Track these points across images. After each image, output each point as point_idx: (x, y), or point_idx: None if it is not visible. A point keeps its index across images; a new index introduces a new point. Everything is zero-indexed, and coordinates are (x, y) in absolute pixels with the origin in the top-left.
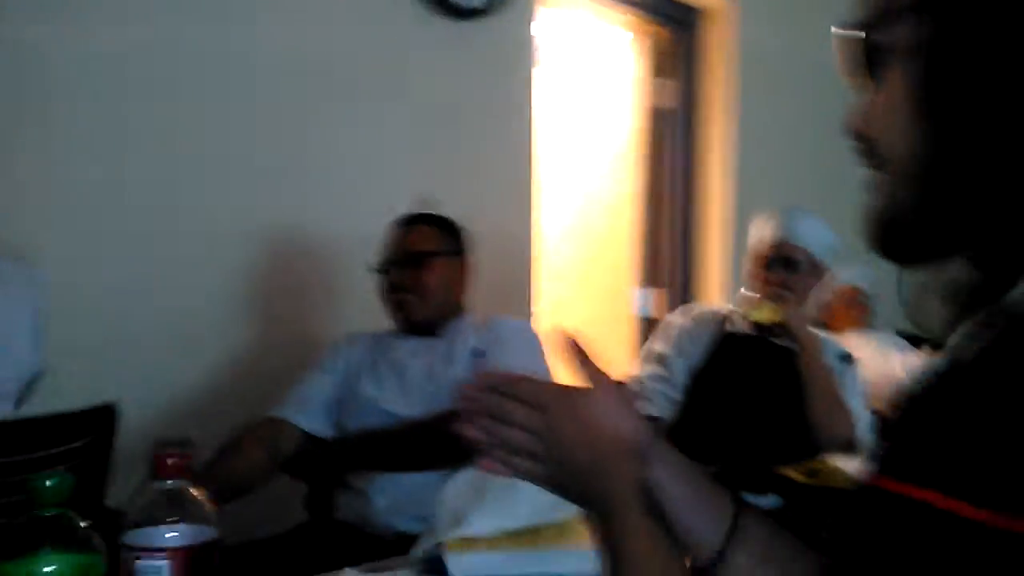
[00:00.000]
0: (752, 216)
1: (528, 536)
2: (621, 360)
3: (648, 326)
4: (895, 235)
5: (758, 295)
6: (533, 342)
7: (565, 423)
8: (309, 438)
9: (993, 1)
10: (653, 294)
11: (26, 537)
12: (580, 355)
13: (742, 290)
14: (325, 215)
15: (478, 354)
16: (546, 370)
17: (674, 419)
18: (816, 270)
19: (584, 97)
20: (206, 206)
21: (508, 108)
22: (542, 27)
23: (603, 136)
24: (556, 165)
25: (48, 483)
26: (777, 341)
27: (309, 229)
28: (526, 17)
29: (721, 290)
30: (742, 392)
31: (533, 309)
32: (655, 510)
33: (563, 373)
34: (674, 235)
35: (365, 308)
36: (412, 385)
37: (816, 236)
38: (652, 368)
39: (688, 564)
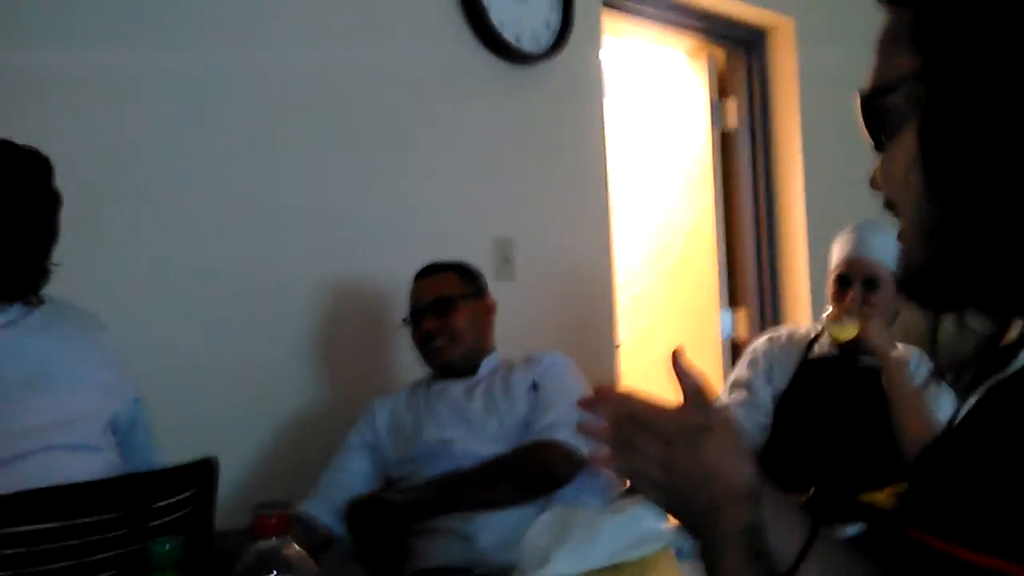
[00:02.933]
0: (823, 232)
1: (611, 574)
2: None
3: (734, 348)
4: (915, 285)
5: (837, 313)
6: (576, 373)
7: (686, 460)
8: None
9: (989, 68)
10: (737, 315)
11: None
12: (697, 389)
13: (826, 309)
14: (403, 264)
15: (535, 388)
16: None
17: (762, 445)
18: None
19: (651, 123)
20: (276, 259)
21: (581, 142)
22: (607, 57)
23: (674, 160)
24: (630, 192)
25: (163, 548)
26: (861, 362)
27: (385, 278)
28: (593, 51)
29: (805, 307)
30: (827, 416)
31: (618, 338)
32: (761, 550)
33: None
34: (754, 255)
35: None
36: (477, 424)
37: (894, 250)
38: (738, 395)
39: None
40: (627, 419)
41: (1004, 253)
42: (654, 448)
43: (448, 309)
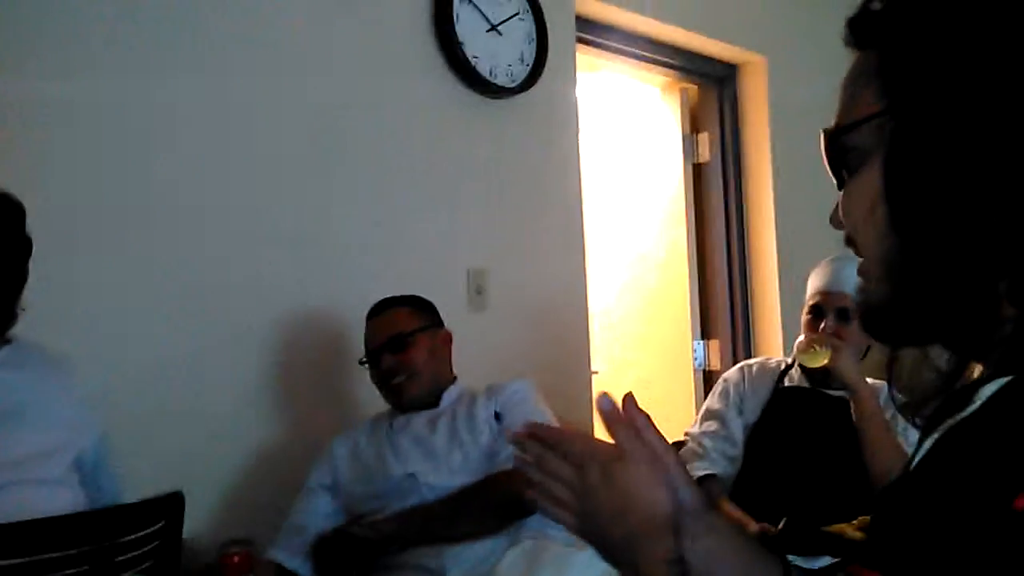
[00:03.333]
0: (794, 264)
1: None
2: (682, 414)
3: (707, 378)
4: (875, 319)
5: (808, 342)
6: (539, 397)
7: (600, 490)
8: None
9: (952, 106)
10: (710, 346)
11: None
12: (622, 419)
13: (798, 339)
14: (376, 295)
15: (498, 418)
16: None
17: (734, 477)
18: None
19: (625, 156)
20: (242, 291)
21: (555, 174)
22: (581, 91)
23: (648, 192)
24: (605, 224)
25: None
26: (832, 392)
27: (357, 310)
28: (567, 85)
29: (776, 338)
30: (798, 446)
31: (593, 368)
32: None
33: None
34: (726, 286)
35: None
36: (441, 457)
37: None
38: (710, 425)
39: None
40: (538, 442)
41: (965, 289)
42: (562, 469)
43: (404, 345)
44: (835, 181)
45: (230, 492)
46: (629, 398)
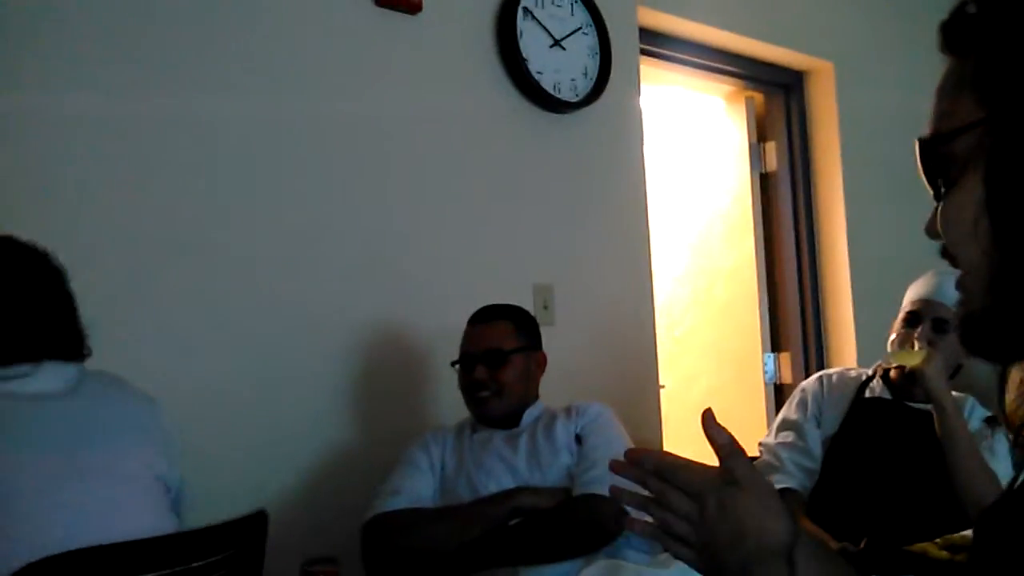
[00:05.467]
0: (867, 274)
1: None
2: (752, 429)
3: (778, 392)
4: (974, 334)
5: (903, 341)
6: (618, 424)
7: (718, 520)
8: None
9: None
10: (781, 359)
11: None
12: (728, 448)
13: (889, 341)
14: (444, 309)
15: (578, 440)
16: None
17: (810, 490)
18: None
19: (691, 167)
20: (321, 304)
21: (620, 188)
22: (645, 103)
23: (714, 203)
24: (671, 237)
25: None
26: (915, 405)
27: (425, 323)
28: (631, 97)
29: (849, 350)
30: (880, 460)
31: (661, 383)
32: None
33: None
34: (796, 298)
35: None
36: (522, 477)
37: None
38: (786, 436)
39: None
40: (656, 476)
41: None
42: (681, 503)
43: (500, 362)
44: (931, 191)
45: (310, 508)
46: (708, 414)
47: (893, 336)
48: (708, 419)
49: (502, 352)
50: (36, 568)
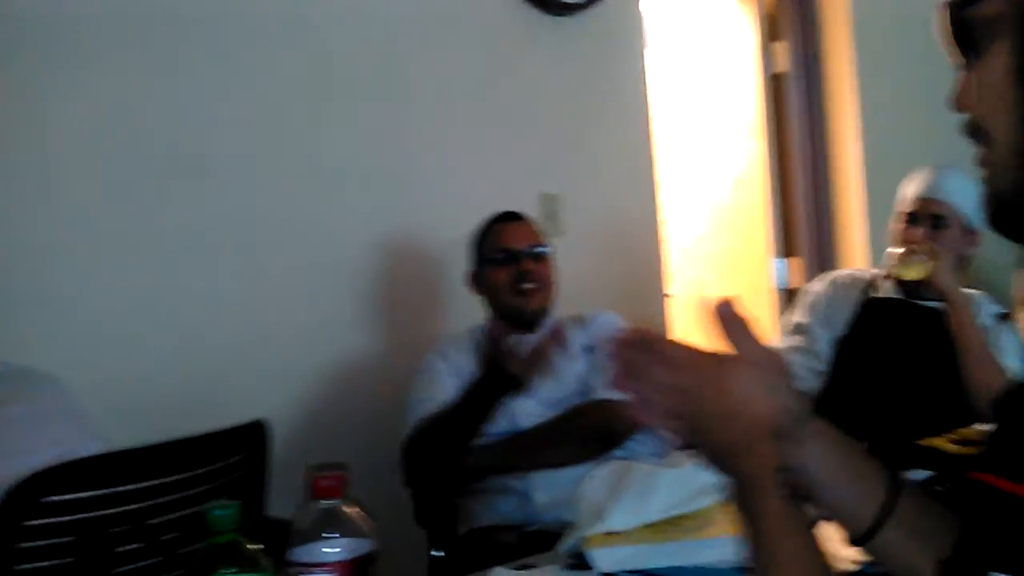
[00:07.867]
0: (880, 177)
1: (667, 527)
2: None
3: (787, 297)
4: (1003, 212)
5: (902, 251)
6: None
7: (707, 393)
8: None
9: None
10: (790, 264)
11: (205, 563)
12: (730, 323)
13: (888, 249)
14: (450, 220)
15: (589, 351)
16: None
17: (819, 392)
18: (964, 230)
19: (697, 70)
20: (325, 217)
21: (622, 94)
22: (652, 3)
23: (722, 106)
24: (676, 142)
25: (220, 512)
26: (925, 303)
27: (426, 232)
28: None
29: (861, 254)
30: (890, 359)
31: (667, 291)
32: (799, 491)
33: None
34: (807, 202)
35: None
36: (536, 385)
37: (964, 194)
38: (793, 340)
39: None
40: (639, 351)
41: None
42: (665, 374)
43: (542, 258)
44: (959, 61)
45: (318, 412)
46: (730, 302)
47: (891, 249)
48: (723, 306)
49: (544, 249)
50: (41, 477)
